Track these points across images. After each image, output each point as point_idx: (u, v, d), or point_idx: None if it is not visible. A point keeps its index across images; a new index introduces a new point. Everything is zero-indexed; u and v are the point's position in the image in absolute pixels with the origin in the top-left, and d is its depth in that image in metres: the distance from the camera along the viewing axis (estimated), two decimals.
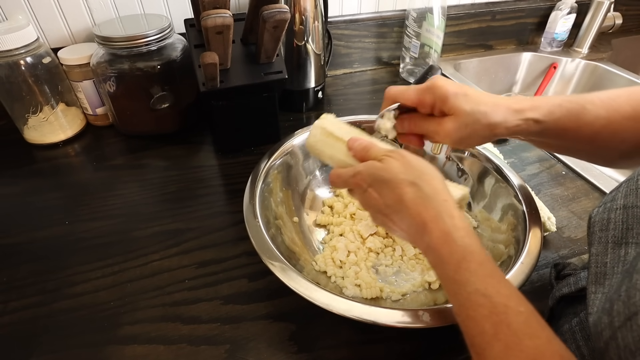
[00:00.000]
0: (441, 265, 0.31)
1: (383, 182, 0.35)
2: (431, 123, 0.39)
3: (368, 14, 0.90)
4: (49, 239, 0.52)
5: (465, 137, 0.37)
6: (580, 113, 0.36)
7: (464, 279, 0.29)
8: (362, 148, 0.39)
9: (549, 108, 0.36)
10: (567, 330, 0.35)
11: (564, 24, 1.01)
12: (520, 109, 0.36)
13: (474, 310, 0.28)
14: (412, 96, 0.39)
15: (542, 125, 0.36)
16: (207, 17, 0.46)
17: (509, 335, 0.26)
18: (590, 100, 0.36)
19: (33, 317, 0.43)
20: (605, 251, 0.31)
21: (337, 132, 0.42)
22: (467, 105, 0.36)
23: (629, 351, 0.24)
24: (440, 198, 0.33)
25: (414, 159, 0.35)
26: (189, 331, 0.42)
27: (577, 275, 0.39)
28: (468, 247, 0.30)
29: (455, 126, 0.37)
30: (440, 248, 0.31)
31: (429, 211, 0.32)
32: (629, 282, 0.25)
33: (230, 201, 0.58)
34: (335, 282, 0.46)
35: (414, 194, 0.33)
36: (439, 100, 0.37)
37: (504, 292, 0.28)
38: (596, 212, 0.34)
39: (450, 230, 0.31)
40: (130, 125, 0.70)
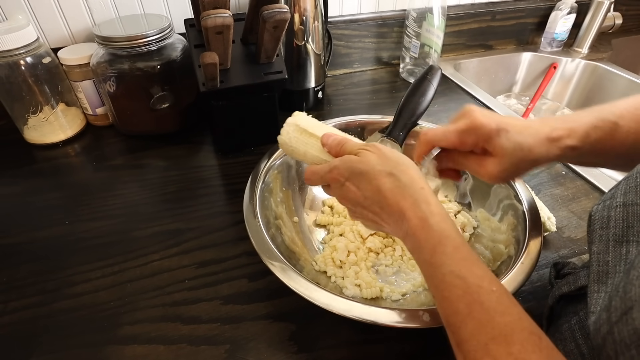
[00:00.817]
0: (418, 250, 0.32)
1: (360, 174, 0.35)
2: (472, 162, 0.39)
3: (368, 14, 0.90)
4: (49, 239, 0.52)
5: (510, 173, 0.37)
6: (613, 131, 0.35)
7: (439, 261, 0.30)
8: (337, 143, 0.39)
9: (584, 131, 0.36)
10: (566, 329, 0.35)
11: (564, 24, 1.01)
12: (557, 138, 0.36)
13: (449, 291, 0.29)
14: (453, 139, 0.38)
15: (579, 150, 0.36)
16: (207, 17, 0.46)
17: (482, 313, 0.27)
18: (619, 114, 0.36)
19: (33, 317, 0.43)
20: (607, 249, 0.31)
21: (310, 129, 0.42)
22: (509, 145, 0.35)
23: (624, 345, 0.24)
24: (417, 186, 0.33)
25: (389, 151, 0.36)
26: (189, 331, 0.42)
27: (577, 274, 0.39)
28: (444, 231, 0.31)
29: (500, 166, 0.36)
30: (418, 233, 0.32)
31: (407, 199, 0.33)
32: (627, 278, 0.25)
33: (230, 201, 0.58)
34: (335, 282, 0.46)
35: (392, 184, 0.34)
36: (482, 140, 0.36)
37: (477, 273, 0.29)
38: (596, 209, 0.34)
39: (427, 216, 0.32)
40: (130, 125, 0.70)
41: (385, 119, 0.58)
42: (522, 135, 0.36)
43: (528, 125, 0.37)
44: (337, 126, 0.58)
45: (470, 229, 0.52)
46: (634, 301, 0.24)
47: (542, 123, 0.37)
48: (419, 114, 0.53)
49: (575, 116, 0.37)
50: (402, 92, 0.43)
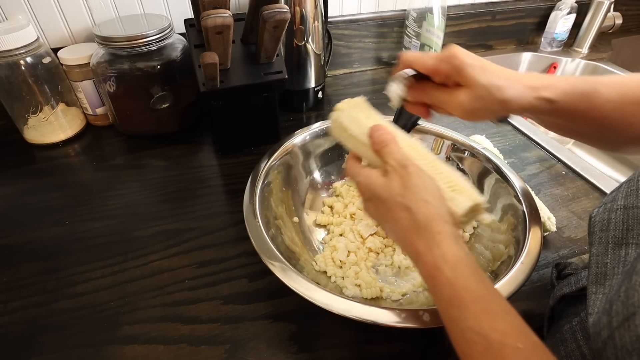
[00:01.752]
0: (435, 297, 0.30)
1: (380, 200, 0.34)
2: (443, 93, 0.38)
3: (368, 14, 0.90)
4: (49, 239, 0.52)
5: (477, 110, 0.36)
6: (592, 94, 0.35)
7: (456, 315, 0.28)
8: (380, 142, 0.37)
9: (562, 88, 0.36)
10: (567, 330, 0.35)
11: (564, 24, 1.01)
12: (535, 87, 0.35)
13: (469, 348, 0.27)
14: (429, 64, 0.38)
15: (555, 105, 0.36)
16: (207, 17, 0.46)
17: None
18: (602, 82, 0.36)
19: (33, 317, 0.43)
20: (606, 252, 0.31)
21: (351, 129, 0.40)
22: (483, 78, 0.35)
23: (625, 351, 0.24)
24: (434, 229, 0.31)
25: (416, 177, 0.34)
26: (189, 331, 0.42)
27: (578, 274, 0.39)
28: (459, 282, 0.29)
29: (468, 98, 0.36)
30: (432, 282, 0.30)
31: (421, 242, 0.31)
32: (629, 283, 0.25)
33: (230, 201, 0.58)
34: (335, 282, 0.46)
35: (407, 221, 0.32)
36: (455, 70, 0.36)
37: (500, 329, 0.26)
38: (596, 212, 0.34)
39: (439, 264, 0.30)
40: (130, 125, 0.70)
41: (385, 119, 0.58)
42: (495, 75, 0.35)
43: (505, 70, 0.36)
44: None
45: (470, 229, 0.52)
46: (636, 307, 0.24)
47: (523, 74, 0.37)
48: None
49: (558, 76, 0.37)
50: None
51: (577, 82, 0.36)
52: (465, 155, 0.56)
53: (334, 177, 0.60)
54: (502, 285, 0.37)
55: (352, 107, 0.42)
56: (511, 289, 0.37)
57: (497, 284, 0.37)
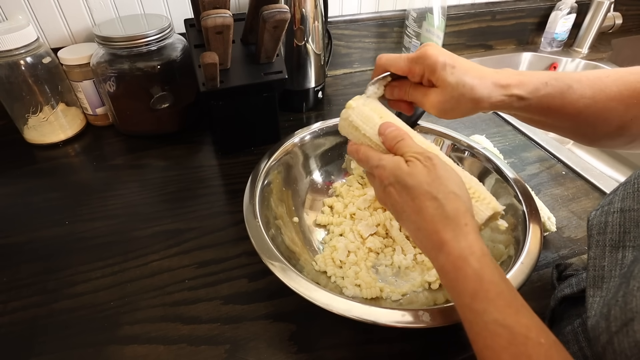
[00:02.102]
0: (456, 291, 0.30)
1: (405, 187, 0.33)
2: (419, 92, 0.39)
3: (368, 14, 0.90)
4: (49, 239, 0.52)
5: (450, 109, 0.37)
6: (565, 92, 0.35)
7: (481, 308, 0.28)
8: (393, 137, 0.38)
9: (534, 85, 0.36)
10: (569, 332, 0.35)
11: (564, 24, 1.01)
12: (506, 85, 0.36)
13: (492, 340, 0.27)
14: (403, 66, 0.39)
15: (526, 102, 0.36)
16: (207, 17, 0.46)
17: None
18: (577, 79, 0.36)
19: (33, 317, 0.43)
20: (603, 254, 0.31)
21: (362, 127, 0.40)
22: (452, 78, 0.36)
23: (624, 356, 0.24)
24: (461, 221, 0.31)
25: (442, 169, 0.34)
26: (189, 331, 0.42)
27: (579, 275, 0.39)
28: (485, 275, 0.29)
29: (440, 98, 0.37)
30: (456, 273, 0.30)
31: (447, 232, 0.31)
32: (626, 288, 0.25)
33: (230, 201, 0.58)
34: (335, 282, 0.46)
35: (435, 210, 0.32)
36: (428, 70, 0.37)
37: (523, 323, 0.27)
38: (594, 215, 0.34)
39: (466, 255, 0.30)
40: (130, 125, 0.70)
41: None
42: (467, 74, 0.36)
43: (477, 68, 0.37)
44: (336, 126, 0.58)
45: None
46: (635, 312, 0.24)
47: (494, 71, 0.37)
48: (419, 114, 0.53)
49: (530, 72, 0.37)
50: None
51: (550, 79, 0.36)
52: (465, 155, 0.56)
53: (334, 177, 0.60)
54: None
55: (364, 105, 0.42)
56: None
57: None
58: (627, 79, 0.35)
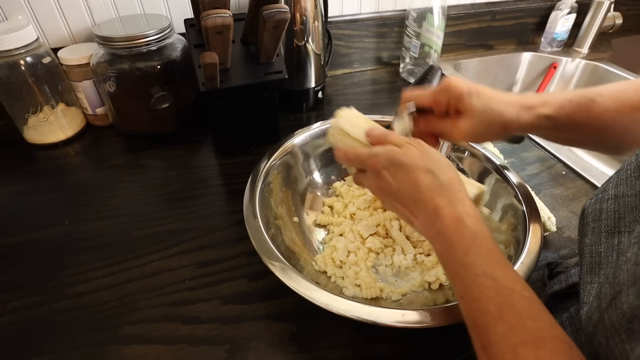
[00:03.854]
0: (450, 250, 0.31)
1: (400, 165, 0.35)
2: (446, 123, 0.40)
3: (368, 14, 0.90)
4: (49, 239, 0.52)
5: (480, 134, 0.39)
6: (589, 106, 0.36)
7: (472, 261, 0.30)
8: (381, 135, 0.40)
9: (559, 103, 0.37)
10: None
11: (564, 24, 1.01)
12: (531, 106, 0.37)
13: (480, 292, 0.28)
14: (428, 98, 0.40)
15: (554, 120, 0.37)
16: (207, 17, 0.46)
17: (513, 316, 0.27)
18: (598, 93, 0.37)
19: (33, 317, 0.43)
20: (599, 241, 0.32)
21: (352, 132, 0.43)
22: (480, 105, 0.37)
23: (614, 330, 0.24)
24: (455, 188, 0.34)
25: (431, 150, 0.36)
26: (189, 331, 0.42)
27: (568, 272, 0.40)
28: (479, 233, 0.31)
29: (470, 125, 0.38)
30: (452, 233, 0.32)
31: (443, 198, 0.33)
32: (616, 264, 0.26)
33: (230, 201, 0.58)
34: (335, 282, 0.46)
35: (430, 181, 0.34)
36: (454, 99, 0.38)
37: (510, 277, 0.29)
38: (589, 203, 0.34)
39: (463, 216, 0.32)
40: (130, 125, 0.70)
41: (386, 119, 0.58)
42: (493, 100, 0.37)
43: (501, 94, 0.38)
44: None
45: None
46: (622, 285, 0.24)
47: (518, 95, 0.39)
48: None
49: (553, 92, 0.39)
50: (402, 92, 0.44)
51: (572, 95, 0.37)
52: (465, 155, 0.56)
53: (333, 177, 0.60)
54: None
55: (351, 114, 0.45)
56: None
57: None
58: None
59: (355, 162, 0.40)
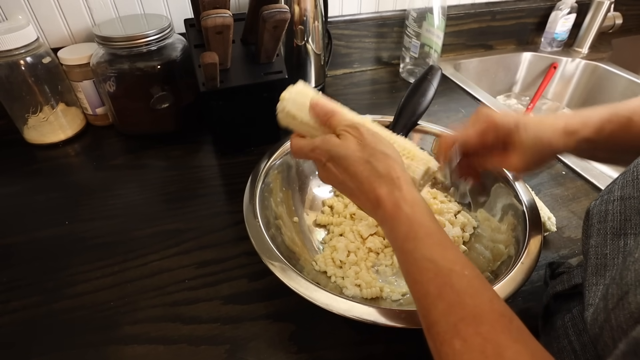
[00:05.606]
0: (393, 236, 0.32)
1: (339, 158, 0.36)
2: (494, 159, 0.41)
3: (368, 14, 0.90)
4: (49, 239, 0.52)
5: (533, 166, 0.39)
6: (627, 125, 0.37)
7: (411, 246, 0.30)
8: (324, 113, 0.39)
9: (599, 124, 0.37)
10: (560, 327, 0.35)
11: (564, 24, 1.01)
12: (573, 131, 0.37)
13: (420, 274, 0.29)
14: (474, 139, 0.40)
15: (594, 143, 0.38)
16: (207, 17, 0.46)
17: (452, 295, 0.27)
18: (633, 110, 0.37)
19: (33, 317, 0.43)
20: (605, 242, 0.31)
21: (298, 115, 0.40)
22: (530, 138, 0.37)
23: (621, 330, 0.24)
24: (393, 175, 0.34)
25: (370, 136, 0.36)
26: (189, 331, 0.42)
27: (571, 272, 0.39)
28: (416, 218, 0.31)
29: (523, 159, 0.38)
30: (392, 220, 0.32)
31: (382, 187, 0.33)
32: (623, 265, 0.26)
33: (230, 201, 0.58)
34: (335, 282, 0.46)
35: (368, 172, 0.34)
36: (503, 136, 0.38)
37: (449, 258, 0.29)
38: (594, 204, 0.34)
39: (400, 202, 0.32)
40: (130, 125, 0.70)
41: (386, 119, 0.58)
42: (539, 129, 0.37)
43: (543, 121, 0.38)
44: None
45: (470, 229, 0.52)
46: (629, 285, 0.24)
47: (556, 117, 0.39)
48: (419, 113, 0.53)
49: (587, 111, 0.39)
50: (402, 92, 0.44)
51: (610, 114, 0.37)
52: None
53: None
54: (502, 285, 0.37)
55: (296, 94, 0.41)
56: (511, 289, 0.37)
57: (497, 284, 0.37)
58: None
59: (301, 156, 0.40)
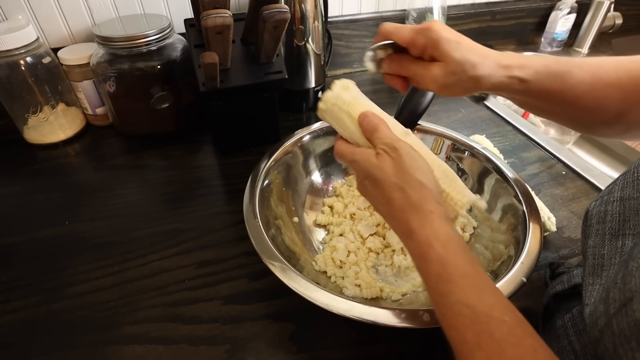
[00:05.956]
0: (424, 275, 0.31)
1: (374, 180, 0.35)
2: (419, 66, 0.39)
3: (368, 14, 0.90)
4: (49, 239, 0.52)
5: (450, 85, 0.37)
6: (565, 76, 0.35)
7: (445, 289, 0.29)
8: (370, 128, 0.38)
9: (535, 68, 0.36)
10: (560, 327, 0.35)
11: (564, 24, 1.01)
12: (507, 65, 0.36)
13: (456, 320, 0.28)
14: (406, 36, 0.38)
15: (526, 84, 0.36)
16: (207, 17, 0.46)
17: (491, 345, 0.26)
18: (578, 64, 0.36)
19: (33, 317, 0.43)
20: (603, 243, 0.31)
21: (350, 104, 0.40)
22: (457, 54, 0.35)
23: (623, 337, 0.24)
24: (427, 207, 0.32)
25: (409, 160, 0.34)
26: (189, 331, 0.42)
27: (571, 272, 0.39)
28: (449, 259, 0.29)
29: (442, 72, 0.36)
30: (422, 259, 0.31)
31: (414, 220, 0.32)
32: (625, 270, 0.25)
33: (230, 201, 0.58)
34: (335, 282, 0.46)
35: (401, 201, 0.33)
36: (431, 43, 0.36)
37: (487, 302, 0.27)
38: (593, 205, 0.34)
39: (432, 241, 0.30)
40: (130, 125, 0.70)
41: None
42: (470, 52, 0.36)
43: (480, 48, 0.37)
44: None
45: (470, 229, 0.52)
46: (633, 292, 0.23)
47: (497, 52, 0.37)
48: (419, 113, 0.53)
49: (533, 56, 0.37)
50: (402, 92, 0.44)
51: (551, 62, 0.36)
52: (465, 155, 0.56)
53: (334, 177, 0.60)
54: (502, 285, 0.37)
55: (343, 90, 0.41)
56: (511, 289, 0.37)
57: (497, 284, 0.37)
58: (627, 66, 0.35)
59: (343, 162, 0.40)
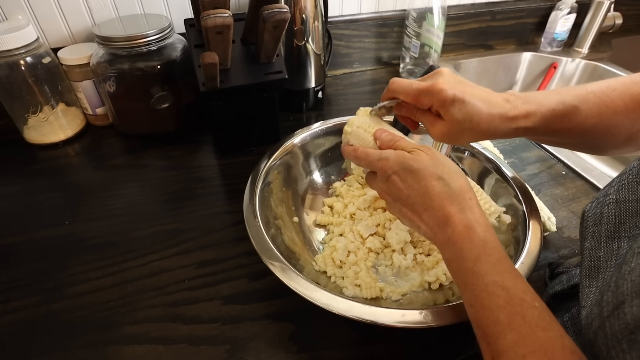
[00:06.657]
0: (460, 258, 0.31)
1: (411, 171, 0.35)
2: (425, 118, 0.40)
3: (368, 14, 0.90)
4: (49, 239, 0.52)
5: (455, 139, 0.39)
6: (571, 115, 0.36)
7: (482, 270, 0.30)
8: (390, 139, 0.40)
9: (542, 114, 0.36)
10: None
11: (564, 24, 1.01)
12: (513, 117, 0.37)
13: (490, 300, 0.28)
14: (412, 95, 0.39)
15: (534, 130, 0.37)
16: (207, 17, 0.46)
17: (523, 326, 0.26)
18: (584, 97, 0.36)
19: (33, 317, 0.43)
20: (599, 245, 0.32)
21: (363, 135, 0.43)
22: (460, 115, 0.36)
23: (615, 339, 0.24)
24: (466, 195, 0.34)
25: (441, 156, 0.36)
26: (189, 331, 0.42)
27: (570, 272, 0.40)
28: (489, 242, 0.31)
29: (445, 131, 0.38)
30: (462, 241, 0.31)
31: (454, 206, 0.33)
32: (619, 273, 0.26)
33: (230, 201, 0.58)
34: (335, 282, 0.46)
35: (441, 188, 0.34)
36: (436, 104, 0.38)
37: (520, 287, 0.29)
38: (589, 207, 0.34)
39: (473, 224, 0.32)
40: (130, 125, 0.70)
41: (386, 119, 0.58)
42: (475, 112, 0.36)
43: (487, 99, 0.37)
44: (337, 126, 0.58)
45: None
46: (625, 295, 0.24)
47: (504, 99, 0.37)
48: None
49: (540, 97, 0.38)
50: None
51: (557, 104, 0.37)
52: (465, 155, 0.56)
53: (334, 177, 0.60)
54: None
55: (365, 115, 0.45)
56: None
57: None
58: (632, 90, 0.35)
59: (364, 163, 0.40)
